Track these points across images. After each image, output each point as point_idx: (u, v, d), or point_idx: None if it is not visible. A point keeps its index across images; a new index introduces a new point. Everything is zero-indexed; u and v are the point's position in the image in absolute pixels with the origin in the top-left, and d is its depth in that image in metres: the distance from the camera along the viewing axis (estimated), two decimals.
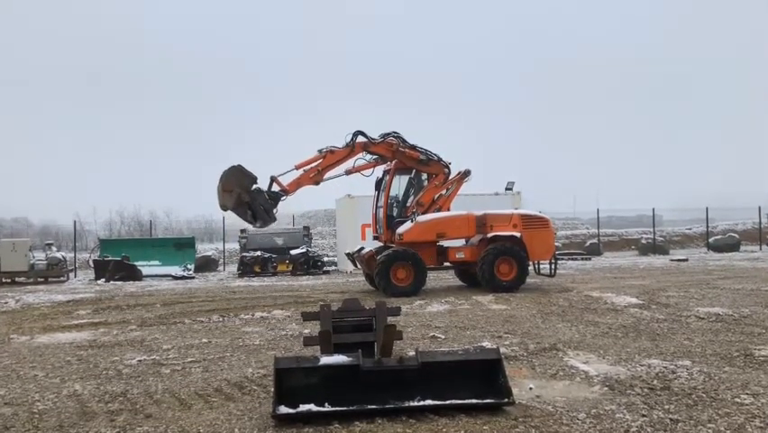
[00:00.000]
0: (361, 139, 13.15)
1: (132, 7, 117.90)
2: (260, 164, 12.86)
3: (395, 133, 13.44)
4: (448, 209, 13.83)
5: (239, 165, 12.51)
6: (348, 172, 13.38)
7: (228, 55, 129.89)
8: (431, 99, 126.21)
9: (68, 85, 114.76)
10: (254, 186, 12.47)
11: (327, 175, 13.05)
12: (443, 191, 13.81)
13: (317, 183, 13.06)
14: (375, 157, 13.47)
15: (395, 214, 13.80)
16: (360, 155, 13.28)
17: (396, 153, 13.36)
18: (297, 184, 12.86)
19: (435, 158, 13.63)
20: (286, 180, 12.77)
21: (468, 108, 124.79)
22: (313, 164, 12.89)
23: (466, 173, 13.92)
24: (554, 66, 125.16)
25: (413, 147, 13.49)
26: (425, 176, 13.90)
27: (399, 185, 13.99)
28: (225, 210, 12.64)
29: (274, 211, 12.71)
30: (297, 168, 12.85)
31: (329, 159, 12.94)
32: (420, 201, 13.49)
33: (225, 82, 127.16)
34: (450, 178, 13.79)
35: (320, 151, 13.01)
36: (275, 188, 12.74)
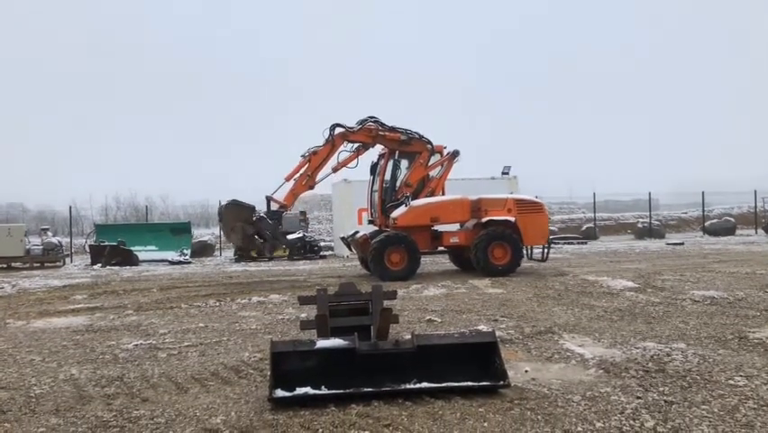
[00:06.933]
0: (339, 130, 13.10)
1: (128, 6, 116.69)
2: (255, 151, 13.01)
3: (372, 117, 13.35)
4: (442, 192, 13.81)
5: (233, 200, 12.86)
6: (334, 170, 13.43)
7: (223, 41, 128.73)
8: (429, 85, 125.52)
9: (65, 70, 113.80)
10: (254, 215, 12.70)
11: (319, 177, 13.18)
12: (434, 172, 13.76)
13: (312, 187, 13.31)
14: (358, 145, 13.39)
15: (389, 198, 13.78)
16: (342, 147, 13.25)
17: (376, 138, 13.31)
18: (293, 195, 13.07)
19: (416, 136, 13.55)
20: (281, 195, 13.00)
21: (465, 93, 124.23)
22: (301, 171, 12.98)
23: (455, 154, 13.87)
24: (552, 53, 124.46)
25: (392, 129, 13.42)
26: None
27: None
28: (240, 247, 13.40)
29: (279, 228, 13.13)
30: (288, 179, 12.99)
31: (315, 160, 12.99)
32: (408, 182, 13.44)
33: (221, 67, 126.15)
34: (440, 158, 13.75)
35: (303, 156, 13.12)
36: (273, 206, 12.96)
